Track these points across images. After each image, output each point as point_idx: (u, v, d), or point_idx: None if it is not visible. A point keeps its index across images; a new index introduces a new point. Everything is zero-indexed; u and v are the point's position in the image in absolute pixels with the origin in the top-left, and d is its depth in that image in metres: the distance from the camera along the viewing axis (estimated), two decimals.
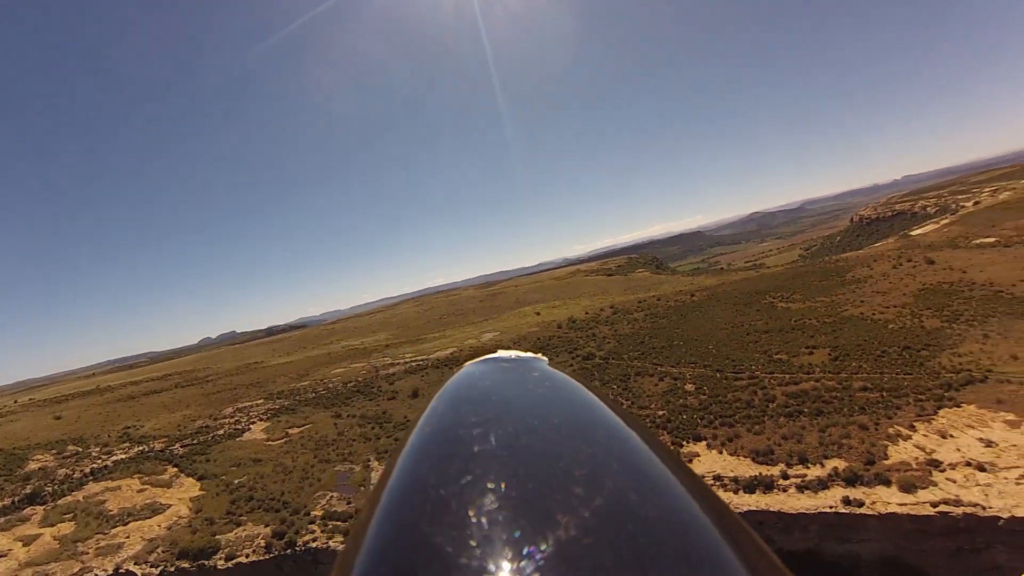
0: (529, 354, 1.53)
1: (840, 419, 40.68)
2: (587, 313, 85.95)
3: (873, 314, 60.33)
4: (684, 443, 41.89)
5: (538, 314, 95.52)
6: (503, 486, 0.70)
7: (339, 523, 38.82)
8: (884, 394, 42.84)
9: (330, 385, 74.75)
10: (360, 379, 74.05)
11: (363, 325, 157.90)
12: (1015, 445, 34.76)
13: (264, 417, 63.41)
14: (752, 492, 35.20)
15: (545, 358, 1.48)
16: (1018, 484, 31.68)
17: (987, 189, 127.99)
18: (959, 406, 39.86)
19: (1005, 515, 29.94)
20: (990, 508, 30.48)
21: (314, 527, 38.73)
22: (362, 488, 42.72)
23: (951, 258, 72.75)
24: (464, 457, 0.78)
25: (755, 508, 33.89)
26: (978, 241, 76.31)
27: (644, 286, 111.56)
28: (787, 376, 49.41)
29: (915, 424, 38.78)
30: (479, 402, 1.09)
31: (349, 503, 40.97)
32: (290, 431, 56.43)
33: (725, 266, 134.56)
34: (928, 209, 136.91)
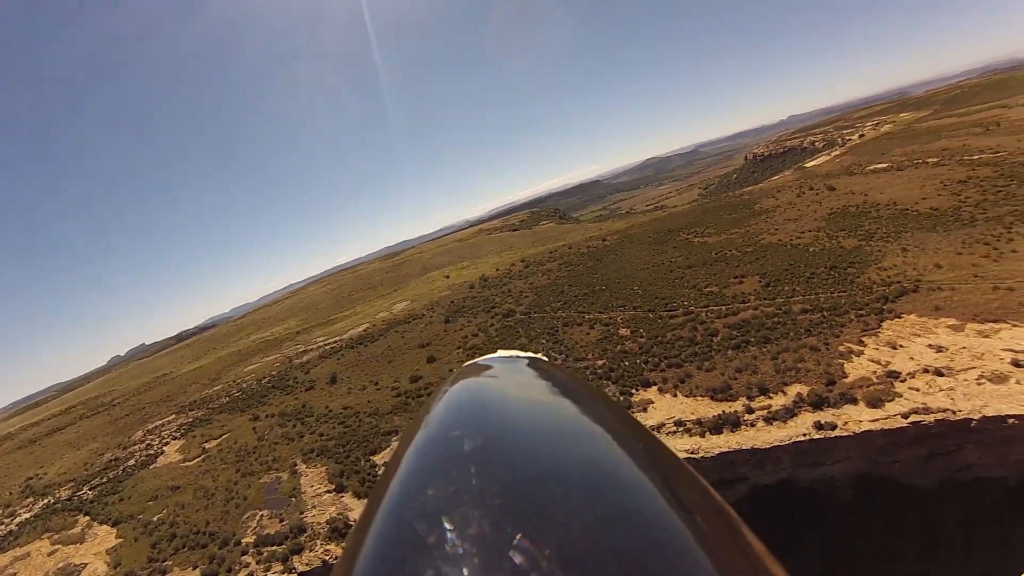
0: (528, 354, 1.62)
1: (789, 344, 40.04)
2: (498, 270, 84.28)
3: (791, 240, 62.02)
4: (633, 391, 39.28)
5: (447, 277, 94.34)
6: (496, 492, 0.74)
7: (275, 548, 33.44)
8: (825, 314, 43.03)
9: (244, 385, 72.16)
10: (275, 373, 71.29)
11: (272, 315, 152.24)
12: (964, 347, 35.76)
13: (178, 435, 60.58)
14: (719, 432, 33.03)
15: (545, 358, 1.59)
16: (979, 384, 32.26)
17: (869, 123, 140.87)
18: (900, 317, 40.81)
19: (976, 416, 30.12)
20: (960, 411, 30.58)
21: (247, 558, 33.43)
22: (293, 500, 37.75)
23: (850, 183, 77.42)
24: (456, 463, 0.84)
25: (726, 449, 31.73)
26: (872, 167, 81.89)
27: (552, 237, 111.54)
28: (723, 308, 48.71)
29: (863, 339, 38.99)
30: (475, 405, 1.16)
31: (282, 521, 35.80)
32: (207, 445, 52.95)
33: (628, 210, 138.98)
34: (816, 144, 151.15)
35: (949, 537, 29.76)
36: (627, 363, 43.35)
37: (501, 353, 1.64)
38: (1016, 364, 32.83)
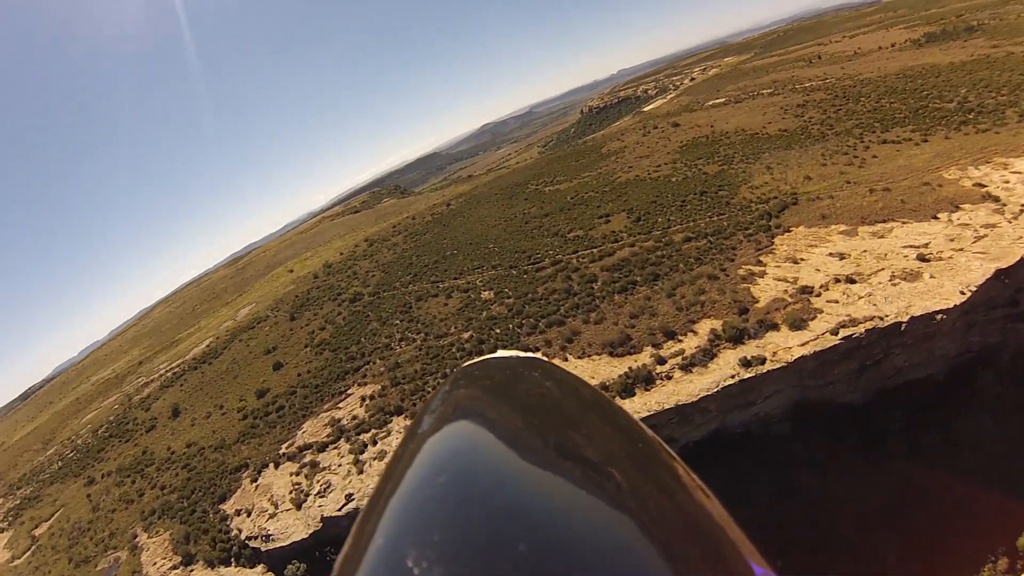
0: (528, 354, 1.68)
1: (682, 277, 36.26)
2: (342, 254, 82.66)
3: (648, 175, 60.36)
4: None
5: (291, 271, 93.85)
6: (487, 499, 0.81)
7: None
8: (711, 239, 40.28)
9: (79, 442, 65.61)
10: (112, 419, 65.55)
11: (115, 348, 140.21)
12: (865, 251, 34.40)
13: (3, 525, 53.61)
14: (632, 394, 27.58)
15: (544, 358, 1.66)
16: (895, 285, 30.63)
17: (696, 69, 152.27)
18: (789, 231, 39.07)
19: (904, 318, 28.13)
20: (887, 316, 28.41)
21: None
22: None
23: (692, 119, 79.01)
24: (448, 471, 0.93)
25: (646, 413, 26.36)
26: (710, 103, 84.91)
27: (394, 212, 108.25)
28: (595, 251, 44.51)
29: (761, 259, 36.35)
30: (472, 408, 1.24)
31: None
32: (37, 532, 46.87)
33: (470, 175, 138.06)
34: (649, 92, 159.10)
35: (892, 449, 27.90)
36: (498, 330, 37.23)
37: (501, 353, 1.69)
38: (922, 259, 32.00)
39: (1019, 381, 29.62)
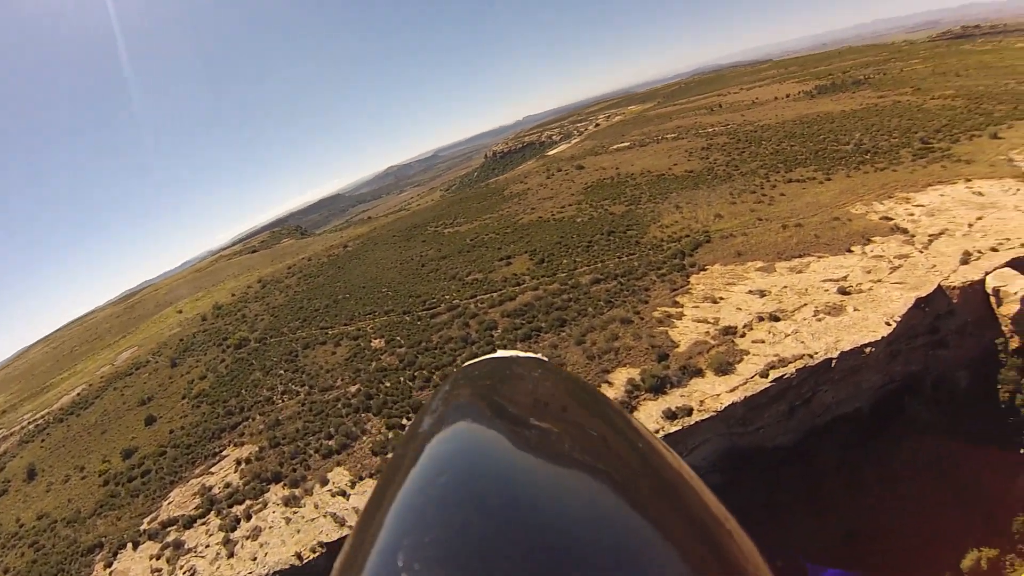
0: (528, 354, 1.70)
1: (593, 322, 33.31)
2: (234, 295, 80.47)
3: (552, 216, 58.71)
4: (404, 421, 29.67)
5: (180, 312, 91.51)
6: (489, 497, 0.83)
7: None
8: (622, 281, 37.85)
9: None
10: None
11: None
12: (786, 286, 32.88)
13: None
14: None
15: (545, 358, 1.68)
16: (820, 320, 28.96)
17: (601, 116, 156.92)
18: (705, 269, 37.35)
19: (834, 354, 26.48)
20: (816, 353, 26.60)
21: None
22: None
23: (597, 161, 78.98)
24: (448, 471, 0.95)
25: None
26: (615, 147, 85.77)
27: (291, 252, 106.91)
28: (496, 295, 41.40)
29: (677, 300, 34.07)
30: (472, 408, 1.27)
31: None
32: None
33: (370, 216, 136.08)
34: (554, 137, 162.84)
35: (830, 490, 26.13)
36: (388, 383, 33.51)
37: (501, 353, 1.71)
38: (844, 292, 30.90)
39: (944, 407, 29.25)
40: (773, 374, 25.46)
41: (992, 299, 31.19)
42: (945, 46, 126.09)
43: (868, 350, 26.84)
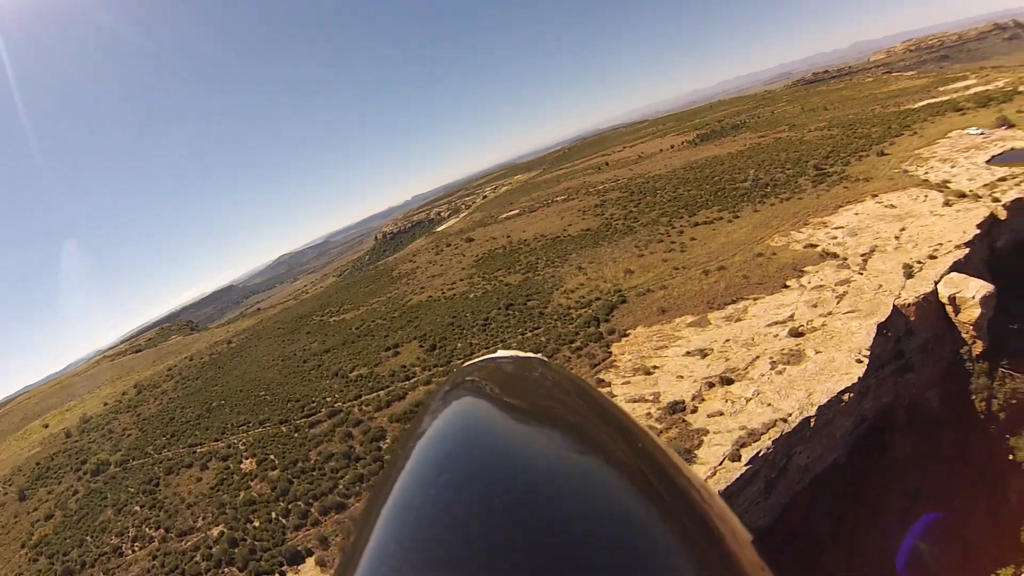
0: (528, 354, 1.71)
1: None
2: (106, 404, 77.32)
3: (443, 294, 54.40)
4: (276, 573, 24.70)
5: (46, 426, 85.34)
6: (493, 495, 0.85)
7: None
8: None
9: None
10: None
11: None
12: (728, 339, 28.19)
13: None
14: None
15: (546, 358, 1.68)
16: (780, 373, 24.57)
17: (488, 188, 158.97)
18: (627, 335, 32.43)
19: (811, 411, 22.21)
20: (790, 414, 22.12)
21: None
22: None
23: (487, 232, 75.41)
24: (448, 470, 0.98)
25: None
26: (504, 216, 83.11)
27: (176, 351, 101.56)
28: (383, 393, 36.06)
29: (602, 377, 28.77)
30: (472, 407, 1.29)
31: None
32: None
33: (262, 308, 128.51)
34: (442, 214, 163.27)
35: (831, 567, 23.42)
36: (257, 522, 28.29)
37: (501, 353, 1.72)
38: (796, 334, 27.01)
39: (922, 432, 27.55)
40: (746, 454, 20.41)
41: (949, 308, 29.08)
42: (803, 90, 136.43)
43: (847, 396, 22.68)
